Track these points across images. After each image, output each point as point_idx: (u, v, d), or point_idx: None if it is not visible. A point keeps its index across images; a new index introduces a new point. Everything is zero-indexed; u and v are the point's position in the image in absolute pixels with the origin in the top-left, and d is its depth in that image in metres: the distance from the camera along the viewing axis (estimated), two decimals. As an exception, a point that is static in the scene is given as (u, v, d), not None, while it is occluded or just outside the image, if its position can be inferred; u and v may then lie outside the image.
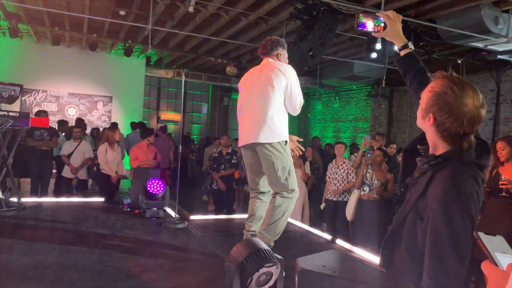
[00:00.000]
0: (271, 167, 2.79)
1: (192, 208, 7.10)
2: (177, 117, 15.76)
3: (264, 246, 1.79)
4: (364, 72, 10.59)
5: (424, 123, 1.39)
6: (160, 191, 4.22)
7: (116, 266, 2.68)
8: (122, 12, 8.24)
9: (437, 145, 1.39)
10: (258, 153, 2.84)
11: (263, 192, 3.04)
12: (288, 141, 2.91)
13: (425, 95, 1.38)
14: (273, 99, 2.80)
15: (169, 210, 4.43)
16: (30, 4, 7.97)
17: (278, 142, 2.81)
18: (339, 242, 3.58)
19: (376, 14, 1.76)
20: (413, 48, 1.73)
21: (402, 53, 1.73)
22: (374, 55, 7.30)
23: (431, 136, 1.39)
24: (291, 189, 2.85)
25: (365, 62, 9.18)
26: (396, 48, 1.79)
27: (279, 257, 1.89)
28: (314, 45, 6.50)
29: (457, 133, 1.31)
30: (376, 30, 1.75)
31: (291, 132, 3.04)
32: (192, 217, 4.33)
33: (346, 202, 5.17)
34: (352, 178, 5.28)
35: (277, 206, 2.81)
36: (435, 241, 1.28)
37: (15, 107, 10.87)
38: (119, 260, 2.84)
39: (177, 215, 4.00)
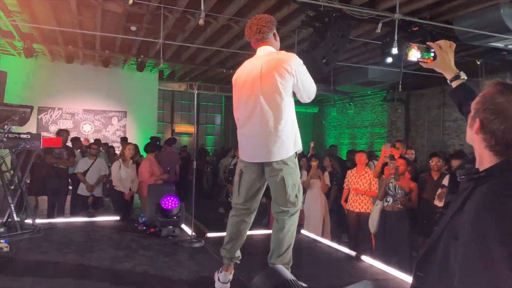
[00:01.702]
0: (281, 184, 2.48)
1: (209, 222, 7.00)
2: (191, 129, 15.79)
3: (289, 276, 1.64)
4: (379, 77, 10.40)
5: (471, 132, 1.23)
6: (174, 206, 4.10)
7: (131, 292, 2.57)
8: (133, 28, 8.27)
9: (483, 158, 1.22)
10: (267, 169, 2.52)
11: (252, 212, 2.71)
12: (297, 152, 2.57)
13: (474, 103, 1.24)
14: (283, 107, 2.45)
15: (185, 227, 4.31)
16: (44, 24, 8.07)
17: (290, 156, 2.51)
18: (365, 258, 3.40)
19: (428, 43, 1.63)
20: (465, 78, 1.60)
21: (454, 84, 1.60)
22: (389, 59, 7.12)
23: (478, 147, 1.23)
24: (299, 207, 2.59)
25: (380, 67, 8.98)
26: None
27: (304, 285, 1.74)
28: (328, 52, 6.37)
29: (506, 141, 1.14)
30: (425, 61, 1.63)
31: (308, 139, 2.81)
32: (209, 234, 4.20)
33: (369, 213, 4.98)
34: (376, 189, 5.09)
35: (287, 231, 2.54)
36: (464, 267, 1.10)
37: (32, 125, 11.01)
38: (134, 284, 2.73)
39: (193, 233, 3.88)
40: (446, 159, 5.77)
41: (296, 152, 2.56)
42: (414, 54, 1.61)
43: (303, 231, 4.49)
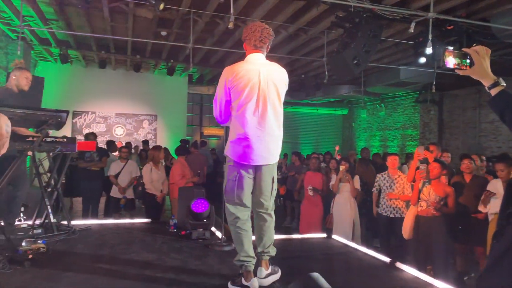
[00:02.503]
0: (271, 182, 2.75)
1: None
2: (220, 132, 15.88)
3: (326, 284, 1.60)
4: (411, 77, 10.13)
5: None
6: (205, 209, 4.12)
7: (163, 295, 2.58)
8: (163, 33, 8.42)
9: None
10: (262, 171, 2.70)
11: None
12: None
13: None
14: (282, 114, 2.74)
15: (215, 230, 4.32)
16: (78, 31, 8.34)
17: None
18: (399, 265, 3.29)
19: (463, 49, 1.58)
20: (505, 84, 1.52)
21: (493, 92, 1.52)
22: (422, 59, 6.91)
23: None
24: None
25: (413, 68, 8.75)
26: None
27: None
28: (359, 53, 6.25)
29: None
30: (462, 68, 1.58)
31: (337, 142, 2.84)
32: (239, 238, 4.17)
33: (402, 218, 4.83)
34: (409, 193, 4.94)
35: (273, 226, 2.81)
36: None
37: (67, 129, 11.40)
38: (166, 288, 2.74)
39: (223, 236, 3.88)
40: (463, 159, 5.52)
41: None
42: (451, 61, 1.54)
43: (334, 236, 4.41)
